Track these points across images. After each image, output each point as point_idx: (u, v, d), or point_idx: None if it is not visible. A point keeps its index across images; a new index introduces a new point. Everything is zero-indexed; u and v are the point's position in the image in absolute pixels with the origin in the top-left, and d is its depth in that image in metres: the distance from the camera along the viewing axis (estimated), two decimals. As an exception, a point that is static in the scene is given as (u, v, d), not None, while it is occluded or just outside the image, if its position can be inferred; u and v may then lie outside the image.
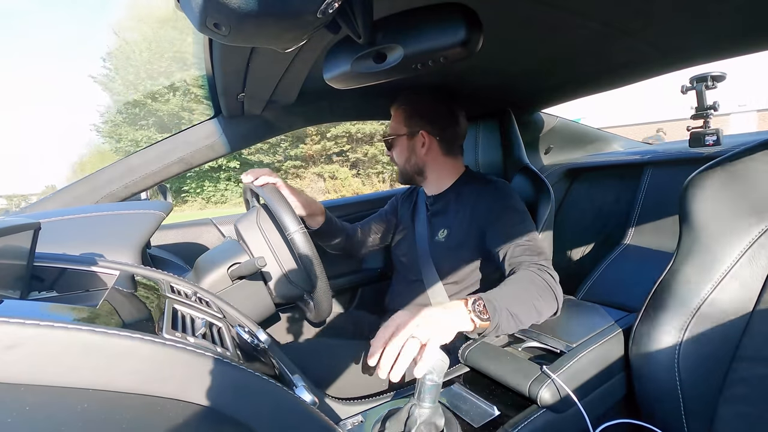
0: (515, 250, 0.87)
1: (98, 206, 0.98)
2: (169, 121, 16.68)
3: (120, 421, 0.32)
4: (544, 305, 0.75)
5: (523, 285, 0.76)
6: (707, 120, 1.27)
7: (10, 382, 0.31)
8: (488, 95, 1.25)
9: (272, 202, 0.82)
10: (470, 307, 0.66)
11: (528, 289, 0.75)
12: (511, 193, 0.99)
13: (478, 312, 0.66)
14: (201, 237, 1.32)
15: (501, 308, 0.68)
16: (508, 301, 0.70)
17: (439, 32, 0.49)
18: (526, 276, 0.78)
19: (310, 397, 0.52)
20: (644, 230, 1.29)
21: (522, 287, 0.75)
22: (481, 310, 0.66)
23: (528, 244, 0.87)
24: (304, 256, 0.79)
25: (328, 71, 0.57)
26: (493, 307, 0.67)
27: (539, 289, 0.76)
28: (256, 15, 0.33)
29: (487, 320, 0.66)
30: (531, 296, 0.74)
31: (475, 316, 0.65)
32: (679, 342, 0.68)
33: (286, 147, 16.58)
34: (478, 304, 0.67)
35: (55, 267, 0.54)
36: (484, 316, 0.66)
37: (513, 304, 0.70)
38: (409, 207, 1.19)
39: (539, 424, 0.67)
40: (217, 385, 0.39)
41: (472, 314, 0.65)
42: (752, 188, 0.67)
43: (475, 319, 0.65)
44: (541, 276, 0.78)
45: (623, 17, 0.72)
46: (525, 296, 0.73)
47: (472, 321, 0.65)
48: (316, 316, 0.86)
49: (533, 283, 0.76)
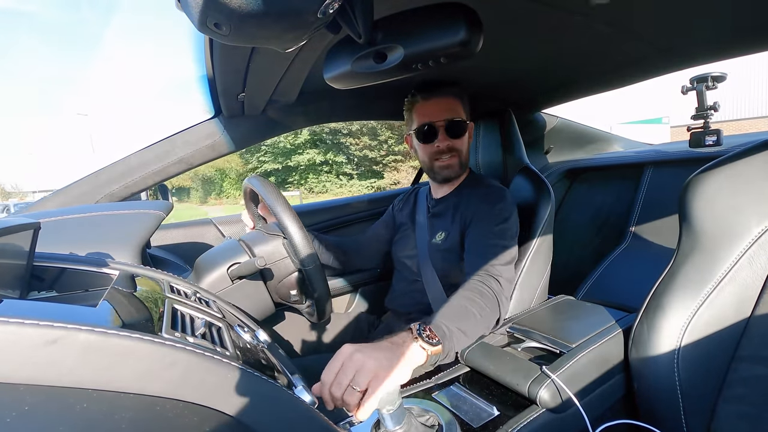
0: (476, 251, 0.88)
1: (98, 206, 0.98)
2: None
3: (120, 421, 0.32)
4: (490, 316, 0.77)
5: (468, 297, 0.76)
6: (707, 120, 1.27)
7: (9, 382, 0.31)
8: (489, 95, 1.25)
9: (273, 203, 0.82)
10: (416, 333, 0.63)
11: (474, 301, 0.75)
12: (502, 199, 0.97)
13: (426, 338, 0.63)
14: (201, 237, 1.32)
15: (450, 330, 0.67)
16: (455, 320, 0.69)
17: (440, 32, 0.49)
18: (472, 287, 0.78)
19: (309, 397, 0.52)
20: (644, 230, 1.29)
21: (468, 300, 0.75)
22: (428, 335, 0.64)
23: (489, 247, 0.87)
24: (304, 256, 0.79)
25: (328, 71, 0.57)
26: (442, 331, 0.66)
27: (484, 299, 0.77)
28: (256, 15, 0.33)
29: (437, 344, 0.64)
30: (478, 308, 0.74)
31: (424, 343, 0.62)
32: (679, 342, 0.68)
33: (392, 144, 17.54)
34: (423, 329, 0.64)
35: (55, 267, 0.54)
36: (433, 340, 0.64)
37: (461, 321, 0.70)
38: (408, 209, 1.18)
39: (539, 425, 0.67)
40: (216, 386, 0.39)
41: (420, 341, 0.62)
42: (752, 189, 0.67)
43: (426, 346, 0.62)
44: (488, 285, 0.79)
45: (623, 17, 0.72)
46: (471, 309, 0.73)
47: (422, 349, 0.62)
48: (316, 316, 0.86)
49: (480, 294, 0.77)
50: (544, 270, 1.06)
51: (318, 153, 19.33)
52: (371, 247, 1.23)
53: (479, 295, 0.77)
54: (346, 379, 0.53)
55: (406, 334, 0.64)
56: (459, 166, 1.05)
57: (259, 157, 20.58)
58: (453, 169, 1.04)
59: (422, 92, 1.02)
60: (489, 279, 0.80)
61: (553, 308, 1.00)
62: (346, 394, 0.52)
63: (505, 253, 0.87)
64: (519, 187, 1.16)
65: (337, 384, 0.53)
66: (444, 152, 1.02)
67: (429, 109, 1.01)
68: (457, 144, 1.03)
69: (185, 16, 0.36)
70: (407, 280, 1.10)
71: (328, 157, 18.81)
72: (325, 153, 19.27)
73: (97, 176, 1.05)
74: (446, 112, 1.00)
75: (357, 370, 0.54)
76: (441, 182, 1.08)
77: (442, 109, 1.00)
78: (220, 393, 0.39)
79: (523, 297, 1.00)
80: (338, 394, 0.53)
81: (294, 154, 19.65)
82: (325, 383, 0.54)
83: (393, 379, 0.55)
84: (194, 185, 27.12)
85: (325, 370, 0.55)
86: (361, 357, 0.55)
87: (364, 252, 1.22)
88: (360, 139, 17.85)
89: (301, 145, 19.44)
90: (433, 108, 1.01)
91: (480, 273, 0.82)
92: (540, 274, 1.04)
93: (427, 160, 1.05)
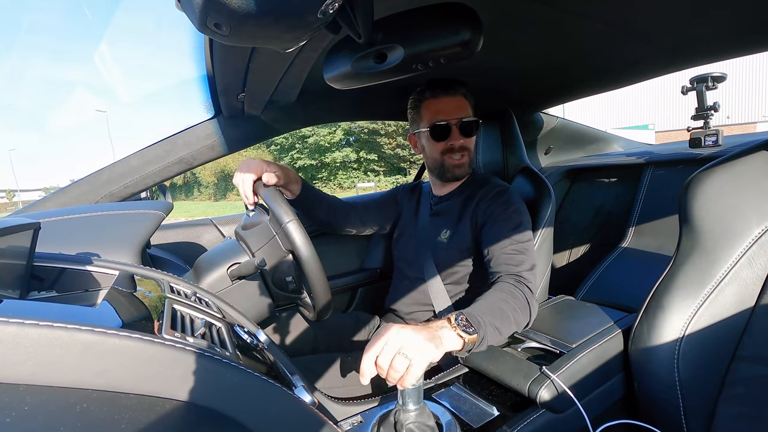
0: (501, 257, 0.87)
1: (98, 206, 0.98)
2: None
3: (120, 421, 0.32)
4: (521, 317, 0.77)
5: (501, 298, 0.76)
6: (707, 121, 1.27)
7: (9, 382, 0.31)
8: (489, 95, 1.25)
9: (272, 203, 0.81)
10: (454, 323, 0.65)
11: (507, 301, 0.76)
12: (515, 200, 0.97)
13: (463, 326, 0.65)
14: (201, 237, 1.32)
15: (485, 322, 0.68)
16: (489, 314, 0.70)
17: (440, 32, 0.49)
18: (504, 288, 0.79)
19: (309, 397, 0.52)
20: (644, 231, 1.29)
21: (501, 300, 0.76)
22: (465, 324, 0.66)
23: (513, 253, 0.87)
24: (305, 256, 0.79)
25: (328, 71, 0.57)
26: (477, 321, 0.67)
27: (517, 301, 0.77)
28: (256, 15, 0.33)
29: (474, 333, 0.65)
30: (510, 309, 0.75)
31: (461, 332, 0.64)
32: (679, 342, 0.68)
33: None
34: (461, 318, 0.66)
35: (55, 267, 0.54)
36: (470, 329, 0.65)
37: (494, 317, 0.71)
38: (411, 203, 1.18)
39: (539, 425, 0.67)
40: (216, 386, 0.39)
41: (458, 330, 0.64)
42: (752, 189, 0.67)
43: (462, 334, 0.64)
44: (519, 289, 0.80)
45: (624, 18, 0.72)
46: (505, 309, 0.74)
47: (459, 336, 0.64)
48: (316, 316, 0.86)
49: (512, 296, 0.77)
50: (544, 270, 1.06)
51: (352, 151, 21.07)
52: (362, 212, 1.20)
53: (512, 296, 0.77)
54: (392, 351, 0.56)
55: (443, 322, 0.66)
56: (469, 165, 1.05)
57: (293, 155, 22.29)
58: (463, 168, 1.04)
59: (432, 89, 1.01)
60: (521, 284, 0.81)
61: (553, 308, 1.00)
62: (395, 361, 0.55)
63: (530, 259, 0.87)
64: (519, 187, 1.17)
65: (385, 355, 0.56)
66: (456, 150, 1.01)
67: (441, 106, 1.00)
68: (469, 143, 1.02)
69: (185, 16, 0.36)
70: (409, 279, 1.09)
71: (361, 155, 21.02)
72: (358, 151, 20.91)
73: (97, 176, 1.05)
74: (459, 111, 1.00)
75: (403, 343, 0.56)
76: (448, 180, 1.08)
77: (454, 107, 1.00)
78: (219, 393, 0.39)
79: (523, 297, 1.00)
80: (385, 364, 0.55)
81: (329, 152, 21.44)
82: (372, 353, 0.57)
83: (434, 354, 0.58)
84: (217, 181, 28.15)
85: (370, 344, 0.58)
86: (407, 332, 0.58)
87: (353, 216, 1.18)
88: (395, 139, 19.01)
89: (336, 143, 21.27)
90: (445, 105, 1.00)
91: (510, 278, 0.83)
92: (540, 274, 1.04)
93: (438, 158, 1.04)
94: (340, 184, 21.55)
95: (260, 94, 0.94)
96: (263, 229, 0.84)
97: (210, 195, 28.98)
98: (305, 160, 21.87)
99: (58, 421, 0.30)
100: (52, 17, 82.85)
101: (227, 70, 0.79)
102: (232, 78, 0.82)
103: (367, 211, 1.21)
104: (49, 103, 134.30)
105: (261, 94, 0.93)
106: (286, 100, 1.03)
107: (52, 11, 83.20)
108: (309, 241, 0.77)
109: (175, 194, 16.90)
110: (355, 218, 1.19)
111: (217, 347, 0.44)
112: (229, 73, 0.80)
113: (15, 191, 42.55)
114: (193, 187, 30.71)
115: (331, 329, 1.13)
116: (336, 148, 21.43)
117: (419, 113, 1.04)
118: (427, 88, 1.02)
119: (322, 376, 0.93)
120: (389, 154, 19.79)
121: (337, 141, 21.16)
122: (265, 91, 0.91)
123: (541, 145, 1.71)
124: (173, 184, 26.98)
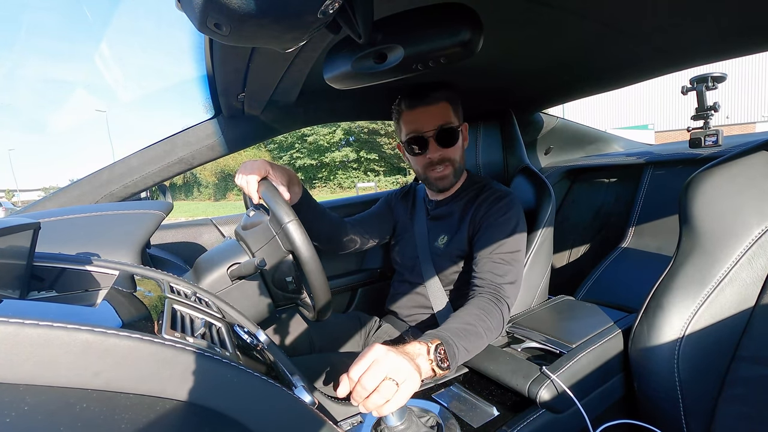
0: (487, 263, 0.87)
1: (98, 206, 0.98)
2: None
3: (119, 421, 0.32)
4: (493, 335, 0.78)
5: (479, 316, 0.76)
6: (707, 121, 1.27)
7: (9, 382, 0.31)
8: (489, 95, 1.25)
9: (272, 203, 0.81)
10: (432, 356, 0.64)
11: (484, 320, 0.76)
12: (512, 207, 0.94)
13: (439, 361, 0.65)
14: (201, 237, 1.32)
15: (459, 348, 0.68)
16: (464, 338, 0.71)
17: (440, 32, 0.49)
18: (483, 306, 0.79)
19: (309, 397, 0.52)
20: (644, 231, 1.29)
21: (478, 319, 0.76)
22: (441, 358, 0.65)
23: (500, 262, 0.87)
24: (305, 256, 0.79)
25: (328, 71, 0.57)
26: (453, 352, 0.67)
27: (493, 320, 0.78)
28: (256, 15, 0.33)
29: (446, 368, 0.65)
30: (485, 329, 0.76)
31: (436, 366, 0.64)
32: (679, 342, 0.68)
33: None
34: (439, 351, 0.65)
35: (55, 267, 0.54)
36: (443, 364, 0.65)
37: (469, 340, 0.71)
38: (406, 208, 1.17)
39: (539, 425, 0.67)
40: (216, 386, 0.39)
41: (433, 364, 0.64)
42: (751, 189, 0.67)
43: (436, 368, 0.64)
44: (498, 307, 0.80)
45: (624, 18, 0.73)
46: (480, 331, 0.75)
47: (432, 371, 0.64)
48: (316, 316, 0.86)
49: (489, 315, 0.78)
50: (544, 270, 1.06)
51: (351, 150, 21.06)
52: (360, 228, 1.15)
53: (489, 316, 0.77)
54: (381, 373, 0.54)
55: (421, 348, 0.64)
56: (453, 175, 1.00)
57: (293, 154, 22.13)
58: (447, 179, 1.00)
59: (410, 99, 0.96)
60: (500, 302, 0.81)
61: (553, 308, 1.00)
62: (383, 385, 0.53)
63: (515, 271, 0.87)
64: (519, 188, 1.16)
65: (373, 375, 0.54)
66: (436, 163, 0.97)
67: (416, 118, 0.96)
68: (450, 153, 0.97)
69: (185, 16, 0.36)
70: (408, 283, 1.09)
71: (361, 155, 20.94)
72: (358, 151, 20.88)
73: (97, 176, 1.05)
74: (435, 120, 0.94)
75: (392, 367, 0.55)
76: (437, 192, 1.06)
77: (430, 118, 0.94)
78: (219, 393, 0.39)
79: (523, 297, 1.00)
80: (371, 386, 0.53)
81: (328, 151, 21.41)
82: (357, 372, 0.55)
83: (417, 385, 0.57)
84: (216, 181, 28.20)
85: (356, 362, 0.56)
86: (395, 356, 0.56)
87: (351, 231, 1.13)
88: (395, 139, 18.83)
89: (336, 143, 21.24)
90: (420, 117, 0.95)
91: (491, 291, 0.83)
92: (540, 274, 1.04)
93: (420, 171, 1.01)
94: (339, 184, 21.55)
95: (260, 94, 0.94)
96: (263, 229, 0.84)
97: (210, 195, 29.05)
98: (305, 159, 21.88)
99: (58, 420, 0.30)
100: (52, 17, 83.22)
101: (227, 70, 0.79)
102: (232, 78, 0.82)
103: (366, 227, 1.16)
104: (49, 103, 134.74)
105: (261, 94, 0.93)
106: (286, 100, 1.03)
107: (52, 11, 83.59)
108: (309, 242, 0.77)
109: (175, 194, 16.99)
110: (356, 235, 1.14)
111: (217, 347, 0.44)
112: (229, 73, 0.80)
113: (14, 191, 42.67)
114: (193, 187, 30.79)
115: (331, 329, 1.13)
116: (336, 148, 21.45)
117: (399, 125, 1.01)
118: (404, 98, 0.97)
119: (321, 376, 0.93)
120: (389, 153, 19.84)
121: (337, 141, 21.16)
122: (265, 91, 0.91)
123: (541, 146, 1.71)
124: (173, 184, 27.01)
